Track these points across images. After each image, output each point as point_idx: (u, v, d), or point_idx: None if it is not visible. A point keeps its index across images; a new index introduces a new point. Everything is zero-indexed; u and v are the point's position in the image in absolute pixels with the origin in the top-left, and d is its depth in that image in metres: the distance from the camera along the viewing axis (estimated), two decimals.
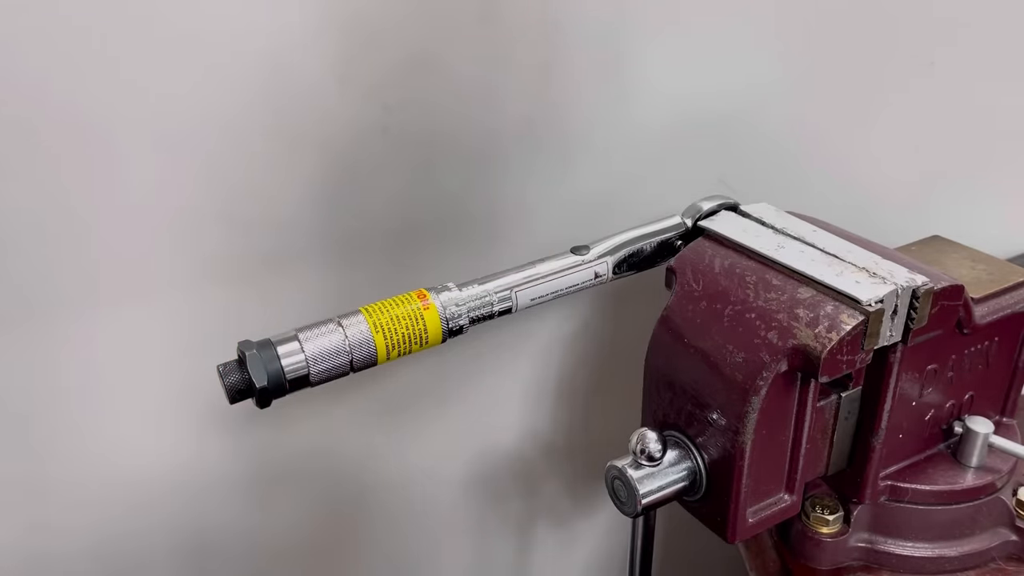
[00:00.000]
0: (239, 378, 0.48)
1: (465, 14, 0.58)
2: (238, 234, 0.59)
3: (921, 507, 0.57)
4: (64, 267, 0.56)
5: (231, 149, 0.57)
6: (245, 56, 0.54)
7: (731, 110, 0.70)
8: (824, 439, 0.54)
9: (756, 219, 0.57)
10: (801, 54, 0.71)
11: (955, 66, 0.77)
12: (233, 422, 0.65)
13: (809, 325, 0.47)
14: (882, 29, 0.73)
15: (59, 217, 0.54)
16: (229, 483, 0.68)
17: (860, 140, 0.77)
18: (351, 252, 0.63)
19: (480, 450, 0.78)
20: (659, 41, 0.65)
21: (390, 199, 0.62)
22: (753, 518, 0.52)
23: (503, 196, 0.66)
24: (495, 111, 0.62)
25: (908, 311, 0.49)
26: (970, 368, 0.59)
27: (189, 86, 0.54)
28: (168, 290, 0.59)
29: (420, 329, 0.51)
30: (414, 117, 0.60)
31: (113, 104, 0.53)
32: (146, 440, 0.64)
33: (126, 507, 0.65)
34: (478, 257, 0.67)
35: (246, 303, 0.61)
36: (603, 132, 0.67)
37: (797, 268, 0.51)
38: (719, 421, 0.50)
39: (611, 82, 0.65)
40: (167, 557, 0.69)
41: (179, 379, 0.62)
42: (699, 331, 0.52)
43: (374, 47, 0.57)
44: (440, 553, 0.82)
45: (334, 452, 0.71)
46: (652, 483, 0.51)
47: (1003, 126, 0.83)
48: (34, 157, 0.52)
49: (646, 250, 0.58)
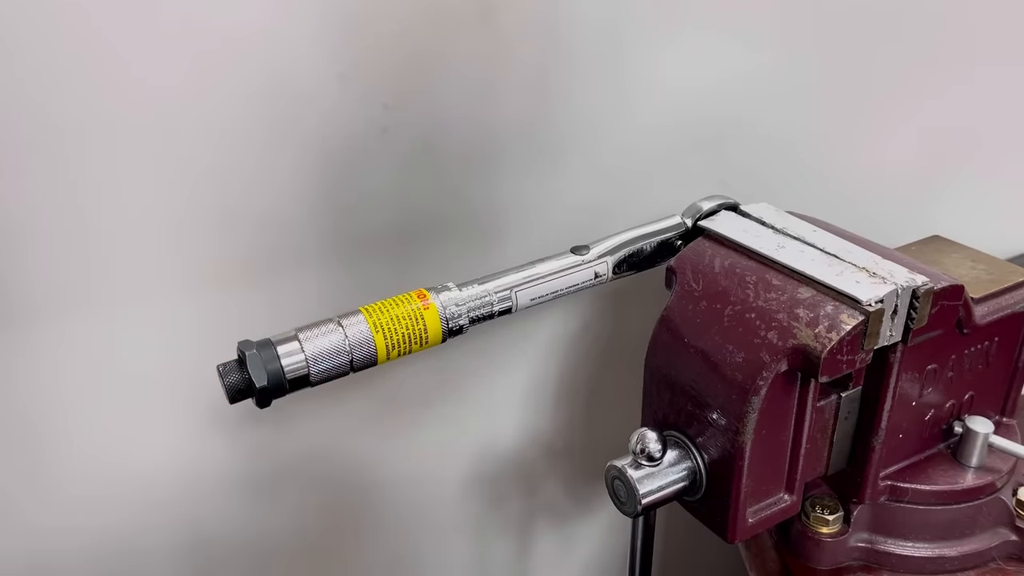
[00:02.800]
0: (239, 378, 0.48)
1: (465, 13, 0.58)
2: (238, 234, 0.59)
3: (921, 507, 0.57)
4: (65, 267, 0.56)
5: (231, 149, 0.57)
6: (244, 55, 0.54)
7: (731, 110, 0.70)
8: (824, 439, 0.54)
9: (756, 219, 0.57)
10: (802, 54, 0.71)
11: (955, 66, 0.77)
12: (233, 422, 0.65)
13: (809, 325, 0.47)
14: (882, 29, 0.73)
15: (60, 217, 0.54)
16: (229, 483, 0.68)
17: (860, 140, 0.77)
18: (351, 252, 0.63)
19: (480, 450, 0.78)
20: (659, 40, 0.65)
21: (390, 198, 0.62)
22: (753, 518, 0.52)
23: (503, 196, 0.66)
24: (495, 111, 0.62)
25: (908, 311, 0.49)
26: (970, 368, 0.59)
27: (188, 85, 0.54)
28: (168, 290, 0.59)
29: (420, 329, 0.51)
30: (414, 116, 0.60)
31: (112, 103, 0.53)
32: (146, 440, 0.64)
33: (126, 507, 0.65)
34: (478, 257, 0.67)
35: (246, 303, 0.61)
36: (603, 132, 0.67)
37: (797, 268, 0.51)
38: (719, 421, 0.50)
39: (611, 82, 0.65)
40: (166, 556, 0.69)
41: (179, 379, 0.62)
42: (699, 331, 0.52)
43: (374, 46, 0.57)
44: (440, 553, 0.82)
45: (334, 452, 0.71)
46: (652, 483, 0.51)
47: (1003, 126, 0.83)
48: (33, 157, 0.52)
49: (646, 250, 0.58)
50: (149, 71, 0.53)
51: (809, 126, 0.74)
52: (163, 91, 0.53)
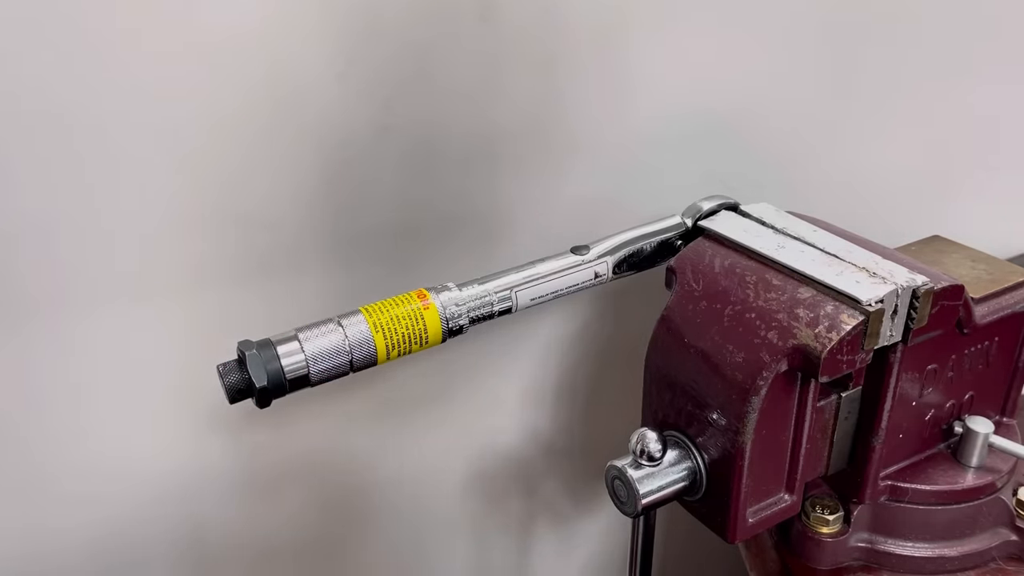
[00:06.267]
0: (239, 378, 0.48)
1: (465, 12, 0.58)
2: (238, 233, 0.59)
3: (921, 507, 0.57)
4: (65, 267, 0.56)
5: (230, 148, 0.56)
6: (243, 51, 0.54)
7: (732, 110, 0.70)
8: (824, 439, 0.54)
9: (756, 219, 0.57)
10: (802, 54, 0.71)
11: (955, 65, 0.77)
12: (233, 422, 0.65)
13: (809, 325, 0.47)
14: (883, 29, 0.72)
15: (60, 217, 0.54)
16: (228, 482, 0.68)
17: (860, 140, 0.77)
18: (351, 251, 0.63)
19: (480, 450, 0.78)
20: (660, 40, 0.65)
21: (390, 198, 0.62)
22: (753, 518, 0.52)
23: (503, 195, 0.66)
24: (495, 110, 0.62)
25: (908, 311, 0.49)
26: (970, 368, 0.59)
27: (188, 85, 0.54)
28: (168, 289, 0.59)
29: (420, 329, 0.51)
30: (414, 115, 0.60)
31: (111, 103, 0.52)
32: (146, 439, 0.64)
33: (125, 506, 0.65)
34: (478, 257, 0.67)
35: (246, 303, 0.61)
36: (603, 131, 0.67)
37: (797, 268, 0.51)
38: (719, 421, 0.50)
39: (611, 81, 0.65)
40: (165, 555, 0.69)
41: (179, 378, 0.62)
42: (699, 331, 0.52)
43: (374, 44, 0.57)
44: (440, 553, 0.82)
45: (333, 451, 0.71)
46: (652, 483, 0.51)
47: (1003, 126, 0.83)
48: (31, 157, 0.52)
49: (646, 250, 0.58)
50: (148, 69, 0.52)
51: (809, 126, 0.74)
52: (161, 89, 0.53)
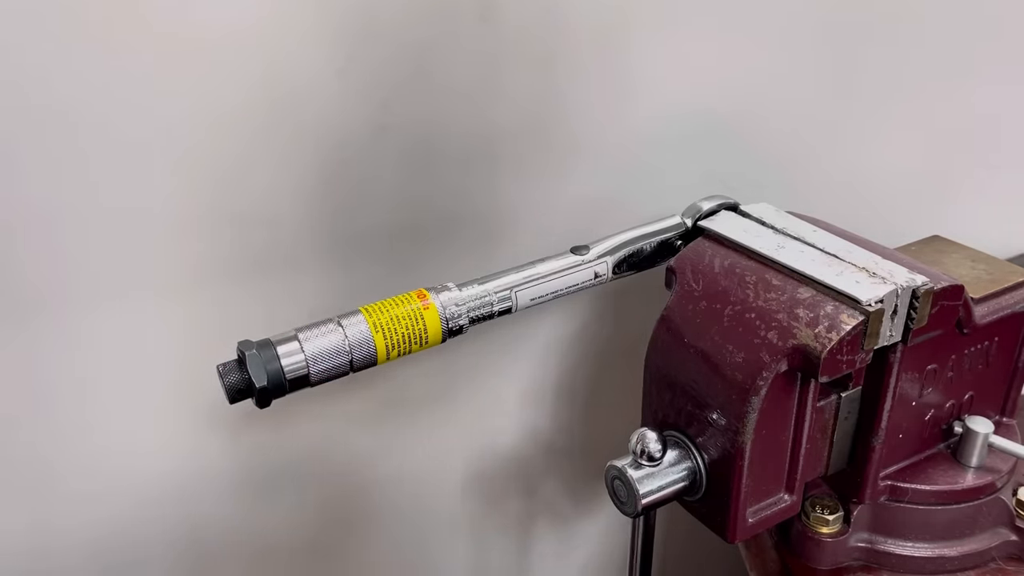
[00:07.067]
0: (239, 378, 0.48)
1: (465, 12, 0.58)
2: (237, 233, 0.59)
3: (921, 507, 0.57)
4: (65, 266, 0.56)
5: (230, 147, 0.56)
6: (241, 53, 0.54)
7: (732, 110, 0.70)
8: (824, 439, 0.54)
9: (756, 219, 0.57)
10: (802, 54, 0.71)
11: (956, 66, 0.77)
12: (233, 422, 0.65)
13: (809, 325, 0.47)
14: (883, 29, 0.72)
15: (60, 216, 0.54)
16: (228, 482, 0.68)
17: (860, 140, 0.77)
18: (351, 251, 0.63)
19: (480, 450, 0.78)
20: (660, 40, 0.65)
21: (389, 198, 0.62)
22: (753, 518, 0.52)
23: (503, 195, 0.66)
24: (495, 109, 0.62)
25: (908, 311, 0.49)
26: (970, 368, 0.59)
27: (187, 84, 0.54)
28: (168, 289, 0.59)
29: (420, 329, 0.51)
30: (413, 114, 0.60)
31: (111, 102, 0.52)
32: (146, 439, 0.64)
33: (125, 505, 0.65)
34: (478, 257, 0.67)
35: (246, 303, 0.61)
36: (603, 131, 0.67)
37: (797, 268, 0.51)
38: (719, 421, 0.50)
39: (611, 81, 0.65)
40: (164, 554, 0.69)
41: (179, 378, 0.62)
42: (699, 331, 0.52)
43: (373, 44, 0.57)
44: (440, 553, 0.82)
45: (333, 451, 0.71)
46: (652, 483, 0.51)
47: (1003, 126, 0.83)
48: (30, 155, 0.52)
49: (646, 250, 0.58)
50: (146, 68, 0.52)
51: (809, 126, 0.74)
52: (159, 87, 0.53)
